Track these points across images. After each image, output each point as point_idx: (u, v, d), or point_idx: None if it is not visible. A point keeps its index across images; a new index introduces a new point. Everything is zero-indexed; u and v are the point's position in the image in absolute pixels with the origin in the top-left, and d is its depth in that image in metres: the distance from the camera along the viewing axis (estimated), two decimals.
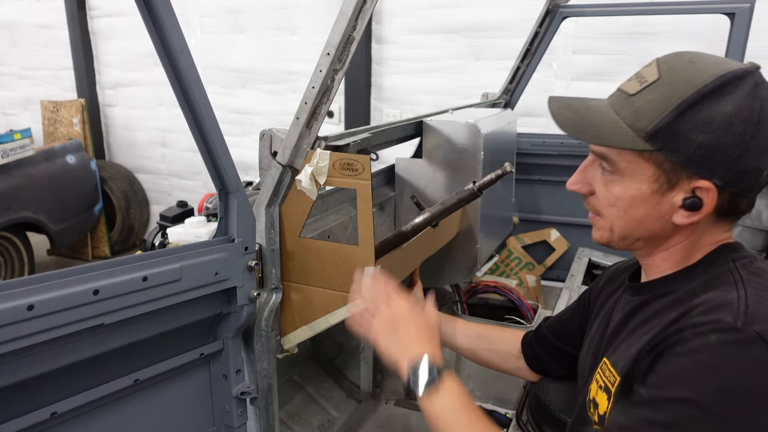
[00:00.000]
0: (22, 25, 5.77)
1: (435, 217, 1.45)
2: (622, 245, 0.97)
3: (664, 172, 0.86)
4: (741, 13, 2.28)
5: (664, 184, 0.87)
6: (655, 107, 0.85)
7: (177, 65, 0.98)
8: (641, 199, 0.89)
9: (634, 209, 0.90)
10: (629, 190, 0.90)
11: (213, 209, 2.16)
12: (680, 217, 0.88)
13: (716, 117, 0.81)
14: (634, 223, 0.92)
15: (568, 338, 1.28)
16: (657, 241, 0.94)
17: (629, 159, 0.88)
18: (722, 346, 0.76)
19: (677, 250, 0.93)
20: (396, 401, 2.18)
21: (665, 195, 0.88)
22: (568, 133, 0.93)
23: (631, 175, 0.89)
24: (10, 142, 4.14)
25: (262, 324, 1.26)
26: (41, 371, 0.89)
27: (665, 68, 0.88)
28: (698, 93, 0.82)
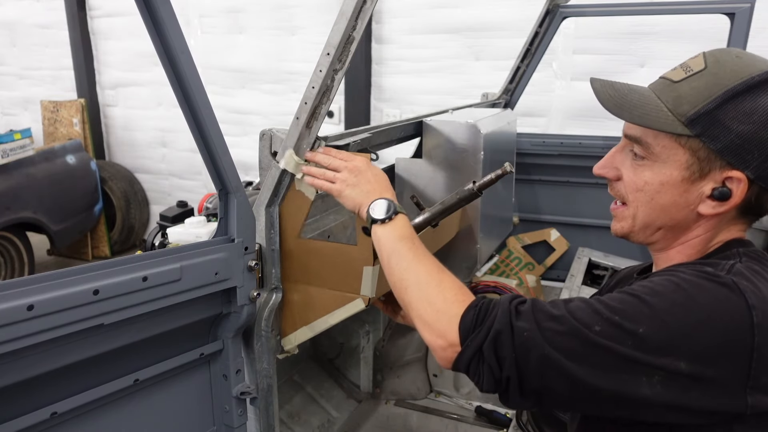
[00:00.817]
0: (22, 25, 5.77)
1: (435, 217, 1.44)
2: (641, 236, 0.96)
3: (698, 159, 0.86)
4: (741, 13, 2.28)
5: (696, 172, 0.87)
6: (699, 94, 0.85)
7: (177, 65, 0.98)
8: (670, 186, 0.89)
9: (661, 195, 0.90)
10: (659, 175, 0.89)
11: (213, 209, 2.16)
12: (707, 207, 0.88)
13: (759, 109, 0.82)
14: (659, 210, 0.91)
15: None
16: (677, 232, 0.93)
17: (665, 143, 0.88)
18: (695, 277, 0.79)
19: (693, 245, 0.93)
20: (396, 401, 2.18)
21: (695, 183, 0.87)
22: (609, 110, 0.92)
23: (665, 161, 0.88)
24: (10, 142, 4.14)
25: (262, 324, 1.26)
26: (41, 371, 0.89)
27: (712, 60, 0.87)
28: (744, 84, 0.82)
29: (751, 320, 0.75)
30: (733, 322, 0.75)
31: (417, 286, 0.96)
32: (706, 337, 0.75)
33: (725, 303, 0.76)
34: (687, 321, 0.75)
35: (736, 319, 0.75)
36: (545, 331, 0.79)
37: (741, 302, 0.75)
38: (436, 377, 2.24)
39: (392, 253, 1.03)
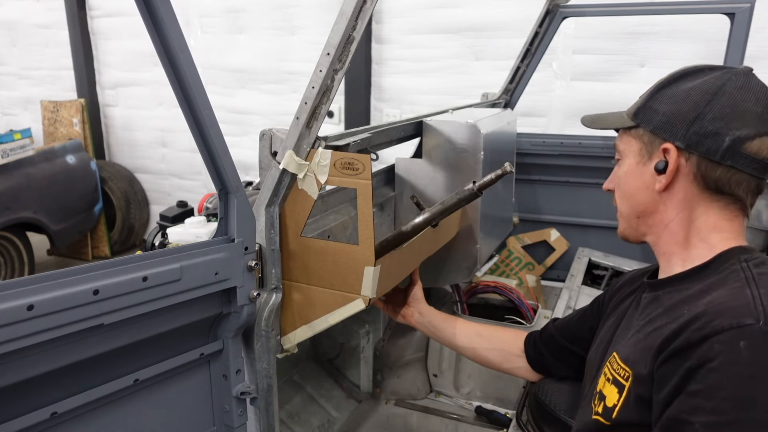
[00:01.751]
0: (22, 25, 5.77)
1: (435, 217, 1.45)
2: (631, 232, 1.08)
3: (644, 144, 1.01)
4: (741, 13, 2.28)
5: (645, 155, 1.01)
6: (643, 95, 1.05)
7: (177, 65, 0.98)
8: (631, 173, 1.04)
9: (627, 183, 1.05)
10: (624, 167, 1.06)
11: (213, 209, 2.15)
12: (657, 182, 0.99)
13: (678, 91, 0.98)
14: (629, 197, 1.06)
15: (578, 340, 1.29)
16: (651, 216, 1.03)
17: (625, 140, 1.06)
18: (754, 352, 0.77)
19: (674, 229, 1.00)
20: (396, 401, 2.18)
21: (647, 165, 1.01)
22: (586, 125, 1.16)
23: (627, 154, 1.05)
24: (10, 142, 4.14)
25: (262, 324, 1.26)
26: (41, 371, 0.89)
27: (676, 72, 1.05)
28: (670, 77, 1.02)
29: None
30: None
31: None
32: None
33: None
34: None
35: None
36: None
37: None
38: (436, 377, 2.24)
39: None
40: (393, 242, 1.43)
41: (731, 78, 0.94)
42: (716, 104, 0.93)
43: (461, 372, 2.19)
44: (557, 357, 1.33)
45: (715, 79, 0.95)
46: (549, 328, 1.37)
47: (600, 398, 0.98)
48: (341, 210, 1.71)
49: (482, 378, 2.15)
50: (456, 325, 1.51)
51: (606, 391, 0.97)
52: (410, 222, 1.45)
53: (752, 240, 2.57)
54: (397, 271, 1.45)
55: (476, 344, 1.47)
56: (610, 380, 0.97)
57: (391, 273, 1.39)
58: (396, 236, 1.44)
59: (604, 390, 0.98)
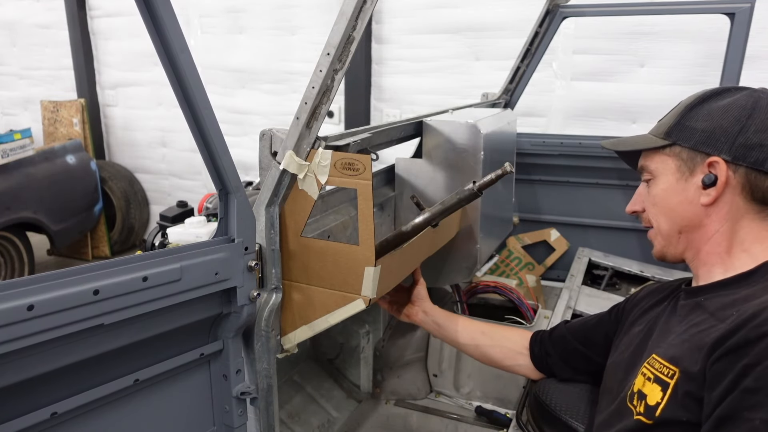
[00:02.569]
0: (22, 25, 5.77)
1: (435, 217, 1.45)
2: (672, 249, 1.09)
3: (683, 161, 1.04)
4: (741, 13, 2.28)
5: (686, 171, 1.03)
6: (671, 116, 1.09)
7: (177, 65, 0.98)
8: (671, 189, 1.06)
9: (667, 200, 1.06)
10: (661, 185, 1.07)
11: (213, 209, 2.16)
12: (705, 196, 1.01)
13: (714, 108, 1.02)
14: (670, 213, 1.06)
15: (592, 344, 1.30)
16: (695, 230, 1.04)
17: (657, 159, 1.08)
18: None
19: (718, 241, 1.02)
20: (396, 401, 2.18)
21: (689, 181, 1.03)
22: (608, 149, 1.19)
23: (661, 173, 1.07)
24: (10, 142, 4.14)
25: (262, 324, 1.26)
26: (41, 371, 0.89)
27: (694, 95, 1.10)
28: (698, 98, 1.06)
29: None
30: None
31: None
32: None
33: None
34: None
35: None
36: None
37: None
38: (436, 377, 2.24)
39: None
40: (393, 242, 1.43)
41: (761, 96, 1.00)
42: (757, 118, 0.97)
43: (461, 372, 2.19)
44: (563, 358, 1.34)
45: (747, 97, 1.00)
46: (560, 328, 1.38)
47: (640, 398, 0.98)
48: (341, 210, 1.71)
49: (482, 378, 2.15)
50: (460, 324, 1.52)
51: (647, 390, 0.97)
52: (410, 222, 1.45)
53: None
54: (398, 271, 1.45)
55: (480, 342, 1.47)
56: (651, 379, 0.96)
57: (392, 273, 1.39)
58: (396, 236, 1.44)
59: (644, 389, 0.97)
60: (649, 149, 1.09)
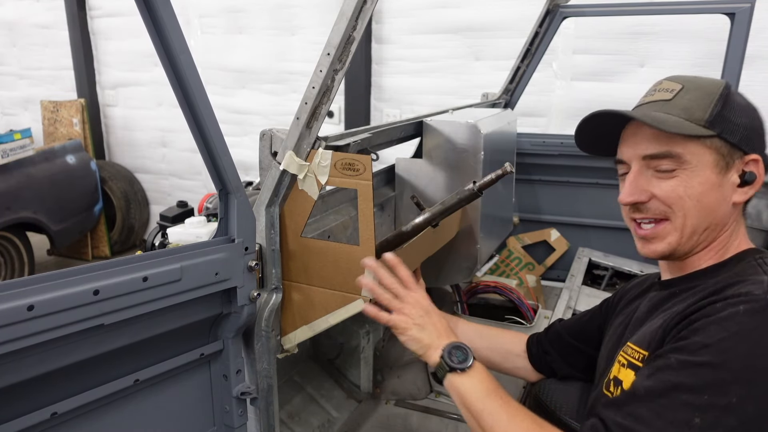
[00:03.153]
0: (22, 25, 5.77)
1: (435, 217, 1.45)
2: (687, 246, 1.00)
3: (722, 156, 0.96)
4: (741, 13, 2.28)
5: (723, 167, 0.97)
6: (701, 102, 0.97)
7: (177, 65, 0.98)
8: (710, 186, 0.96)
9: (705, 196, 0.96)
10: (697, 178, 0.96)
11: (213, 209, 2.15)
12: (739, 194, 0.98)
13: (744, 105, 0.99)
14: (707, 211, 0.97)
15: (586, 338, 1.30)
16: (718, 229, 1.00)
17: (693, 150, 0.96)
18: (751, 315, 0.81)
19: (725, 238, 1.01)
20: (396, 401, 2.18)
21: (725, 177, 0.97)
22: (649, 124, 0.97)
23: (696, 165, 0.96)
24: (10, 142, 4.14)
25: (263, 324, 1.26)
26: (41, 371, 0.89)
27: (680, 80, 1.02)
28: (725, 89, 0.99)
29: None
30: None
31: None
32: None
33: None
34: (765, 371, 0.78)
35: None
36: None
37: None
38: None
39: (483, 412, 1.00)
40: (393, 242, 1.43)
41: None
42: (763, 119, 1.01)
43: None
44: (561, 354, 1.34)
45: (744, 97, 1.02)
46: (555, 326, 1.38)
47: (616, 384, 0.99)
48: (341, 210, 1.71)
49: None
50: (457, 326, 1.51)
51: (622, 375, 0.98)
52: (410, 222, 1.45)
53: (752, 240, 2.57)
54: None
55: (477, 344, 1.47)
56: (625, 365, 0.98)
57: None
58: (396, 236, 1.44)
59: (619, 375, 0.99)
60: (685, 135, 0.95)
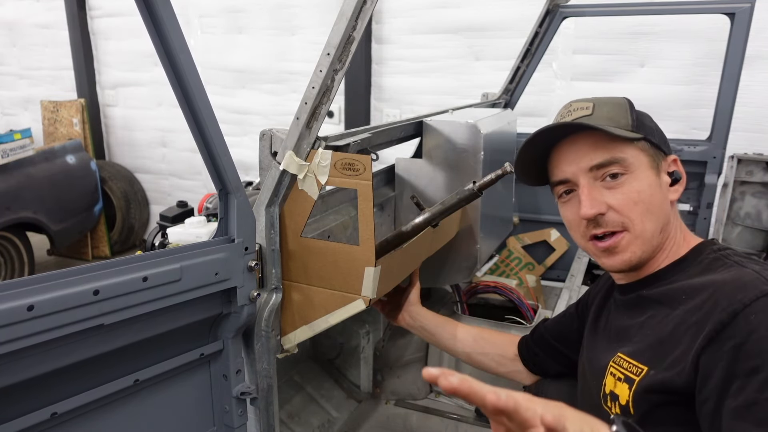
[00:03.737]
0: (22, 25, 5.77)
1: (435, 217, 1.45)
2: (649, 252, 0.99)
3: (652, 157, 1.00)
4: (741, 13, 2.28)
5: (656, 168, 1.00)
6: (619, 111, 1.02)
7: (177, 65, 0.98)
8: (655, 186, 0.99)
9: (654, 197, 0.98)
10: (643, 180, 0.98)
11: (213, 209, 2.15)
12: (673, 193, 1.02)
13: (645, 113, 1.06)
14: (658, 212, 0.99)
15: (565, 340, 1.31)
16: (667, 228, 1.01)
17: (632, 153, 0.99)
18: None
19: (674, 237, 1.02)
20: (396, 401, 2.18)
21: (660, 177, 1.01)
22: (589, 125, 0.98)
23: (638, 166, 0.99)
24: (10, 142, 4.14)
25: (262, 324, 1.26)
26: (41, 371, 0.89)
27: (588, 100, 1.06)
28: (628, 101, 1.04)
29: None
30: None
31: None
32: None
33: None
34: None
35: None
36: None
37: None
38: None
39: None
40: (393, 242, 1.43)
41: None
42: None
43: (461, 372, 2.19)
44: (549, 355, 1.35)
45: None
46: (539, 328, 1.39)
47: (613, 399, 0.98)
48: (341, 210, 1.71)
49: (482, 378, 2.14)
50: (449, 330, 1.50)
51: (618, 390, 0.97)
52: (410, 222, 1.45)
53: (752, 240, 2.57)
54: (398, 271, 1.45)
55: (470, 349, 1.47)
56: (621, 379, 0.97)
57: (392, 273, 1.39)
58: (396, 236, 1.44)
59: (615, 390, 0.98)
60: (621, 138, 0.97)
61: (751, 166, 2.57)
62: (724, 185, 2.58)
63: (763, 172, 2.56)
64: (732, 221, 2.59)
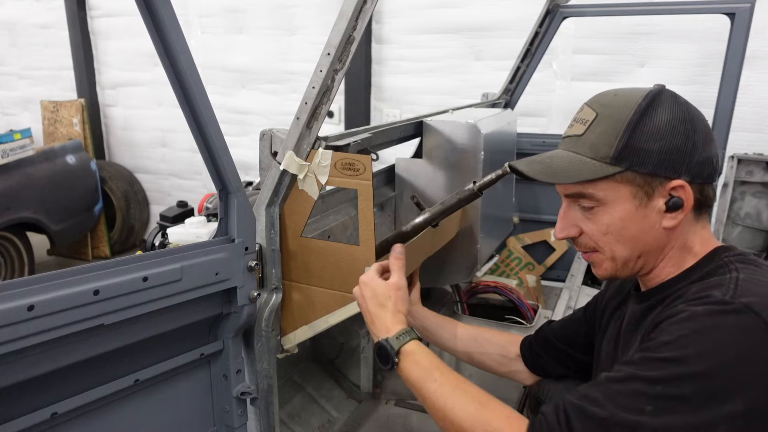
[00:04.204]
0: (22, 25, 5.77)
1: (435, 217, 1.45)
2: (626, 271, 1.01)
3: (639, 186, 0.94)
4: (741, 13, 2.28)
5: (644, 197, 0.94)
6: (608, 135, 0.94)
7: (177, 65, 0.98)
8: (630, 218, 0.96)
9: (627, 229, 0.96)
10: (616, 213, 0.96)
11: (213, 209, 2.16)
12: (668, 220, 0.95)
13: (660, 125, 0.92)
14: (632, 241, 0.97)
15: (573, 344, 1.30)
16: (656, 252, 0.99)
17: (605, 187, 0.95)
18: (709, 315, 0.82)
19: (672, 256, 0.99)
20: (396, 401, 2.18)
21: (648, 206, 0.95)
22: (546, 181, 1.00)
23: (613, 200, 0.96)
24: (10, 142, 4.14)
25: (263, 324, 1.26)
26: (41, 371, 0.89)
27: (597, 106, 0.99)
28: (637, 112, 0.93)
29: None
30: (762, 348, 0.79)
31: (464, 419, 0.96)
32: (746, 371, 0.78)
33: (747, 332, 0.80)
34: (725, 362, 0.78)
35: (764, 344, 0.79)
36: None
37: (760, 324, 0.80)
38: None
39: (425, 396, 1.02)
40: (393, 242, 1.43)
41: (678, 99, 0.97)
42: (699, 131, 0.93)
43: (461, 372, 2.18)
44: (553, 358, 1.34)
45: (677, 105, 0.95)
46: (544, 329, 1.38)
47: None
48: (341, 210, 1.71)
49: (482, 378, 2.15)
50: (450, 329, 1.49)
51: None
52: (410, 222, 1.45)
53: (752, 240, 2.57)
54: None
55: (471, 349, 1.46)
56: None
57: None
58: (396, 236, 1.44)
59: None
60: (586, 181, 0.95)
61: (751, 166, 2.57)
62: (724, 185, 2.58)
63: (763, 172, 2.56)
64: (732, 221, 2.59)
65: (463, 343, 1.47)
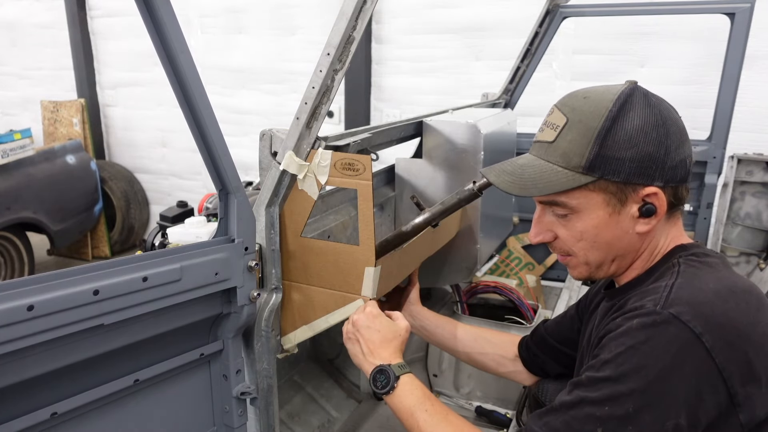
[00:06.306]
0: (22, 25, 5.77)
1: (435, 217, 1.45)
2: (601, 273, 1.04)
3: (612, 194, 0.94)
4: (741, 13, 2.28)
5: (617, 204, 0.95)
6: (579, 143, 0.94)
7: (177, 65, 0.98)
8: (603, 225, 0.97)
9: (600, 236, 0.98)
10: (589, 221, 0.97)
11: (213, 209, 2.15)
12: (642, 225, 0.96)
13: (632, 132, 0.91)
14: (606, 247, 0.99)
15: (569, 341, 1.31)
16: (630, 255, 1.01)
17: (577, 196, 0.96)
18: (641, 328, 0.85)
19: (644, 256, 1.02)
20: None
21: (621, 213, 0.95)
22: (516, 194, 1.01)
23: (585, 208, 0.96)
24: (10, 142, 4.14)
25: (262, 324, 1.26)
26: (41, 371, 0.89)
27: (567, 110, 0.98)
28: (608, 119, 0.92)
29: (704, 348, 0.81)
30: (691, 358, 0.81)
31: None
32: (679, 384, 0.81)
33: (674, 344, 0.82)
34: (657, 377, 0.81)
35: (692, 355, 0.81)
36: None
37: (687, 335, 0.82)
38: (436, 377, 2.24)
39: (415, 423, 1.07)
40: (393, 242, 1.43)
41: (651, 99, 0.95)
42: (672, 134, 0.93)
43: (461, 372, 2.19)
44: (550, 357, 1.35)
45: (650, 108, 0.93)
46: (539, 329, 1.39)
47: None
48: (341, 210, 1.71)
49: (482, 378, 2.15)
50: (449, 329, 1.50)
51: None
52: (410, 222, 1.45)
53: (752, 240, 2.57)
54: (398, 271, 1.45)
55: (471, 349, 1.47)
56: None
57: (392, 273, 1.39)
58: (396, 236, 1.44)
59: None
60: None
61: (751, 166, 2.57)
62: (724, 185, 2.58)
63: (763, 172, 2.56)
64: (732, 221, 2.59)
65: (462, 343, 1.47)
